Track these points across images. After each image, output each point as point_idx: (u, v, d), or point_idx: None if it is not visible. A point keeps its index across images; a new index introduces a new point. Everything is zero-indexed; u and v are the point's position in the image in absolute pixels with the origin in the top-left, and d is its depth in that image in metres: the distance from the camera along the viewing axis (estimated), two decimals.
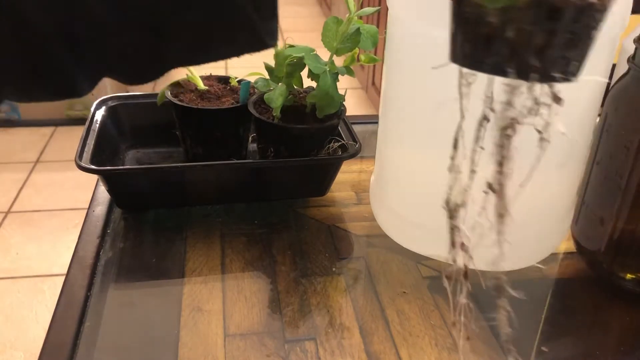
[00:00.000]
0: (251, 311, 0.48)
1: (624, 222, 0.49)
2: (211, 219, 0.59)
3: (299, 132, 0.58)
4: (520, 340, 0.48)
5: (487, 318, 0.49)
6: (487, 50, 0.28)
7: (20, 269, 1.57)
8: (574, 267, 0.55)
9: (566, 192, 0.52)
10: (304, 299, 0.50)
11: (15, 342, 1.36)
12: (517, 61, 0.28)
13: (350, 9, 0.53)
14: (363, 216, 0.61)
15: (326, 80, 0.55)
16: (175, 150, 0.67)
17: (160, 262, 0.54)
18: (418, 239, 0.54)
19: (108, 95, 0.68)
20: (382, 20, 2.00)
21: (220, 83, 0.65)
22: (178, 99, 0.61)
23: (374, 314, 0.49)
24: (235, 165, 0.60)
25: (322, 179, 0.62)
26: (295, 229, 0.59)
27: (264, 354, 0.44)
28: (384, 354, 0.45)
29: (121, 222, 0.58)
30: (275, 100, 0.57)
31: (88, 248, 0.54)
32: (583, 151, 0.50)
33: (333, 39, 0.55)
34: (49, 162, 2.04)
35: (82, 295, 0.49)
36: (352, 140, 0.61)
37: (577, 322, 0.50)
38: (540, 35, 0.27)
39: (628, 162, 0.46)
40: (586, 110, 0.47)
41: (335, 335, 0.46)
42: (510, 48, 0.28)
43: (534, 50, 0.28)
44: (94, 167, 0.55)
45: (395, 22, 0.49)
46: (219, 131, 0.62)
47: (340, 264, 0.54)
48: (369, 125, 0.75)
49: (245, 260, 0.54)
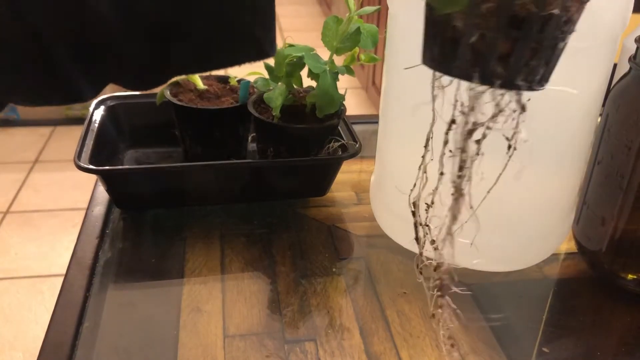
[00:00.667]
0: (251, 312, 0.48)
1: (625, 223, 0.48)
2: (211, 219, 0.59)
3: (298, 132, 0.58)
4: (521, 341, 0.47)
5: (487, 318, 0.49)
6: (454, 54, 0.28)
7: (19, 269, 1.57)
8: (575, 267, 0.55)
9: (567, 192, 0.51)
10: (303, 300, 0.50)
11: (14, 343, 1.36)
12: (481, 67, 0.28)
13: (350, 8, 0.53)
14: (363, 216, 0.61)
15: (326, 80, 0.55)
16: (175, 150, 0.67)
17: (159, 263, 0.53)
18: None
19: (107, 95, 0.67)
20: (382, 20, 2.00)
21: (220, 83, 0.65)
22: (177, 99, 0.61)
23: (374, 315, 0.48)
24: (235, 165, 0.59)
25: (322, 179, 0.62)
26: (295, 229, 0.58)
27: (264, 354, 0.44)
28: (385, 354, 0.45)
29: (120, 222, 0.58)
30: (274, 100, 0.57)
31: (87, 248, 0.54)
32: (584, 151, 0.50)
33: (333, 38, 0.55)
34: (48, 162, 2.04)
35: (81, 295, 0.48)
36: (352, 140, 0.61)
37: (578, 322, 0.50)
38: (504, 43, 0.27)
39: (629, 162, 0.46)
40: (587, 110, 0.47)
41: (335, 336, 0.46)
42: (475, 53, 0.28)
43: (497, 57, 0.27)
44: (93, 167, 0.55)
45: (395, 21, 0.49)
46: (218, 131, 0.62)
47: (341, 264, 0.54)
48: (369, 125, 0.75)
49: (245, 261, 0.54)
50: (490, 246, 0.51)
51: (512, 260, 0.53)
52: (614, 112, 0.48)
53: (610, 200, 0.49)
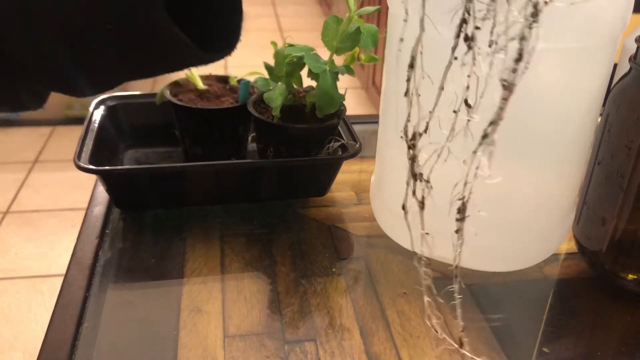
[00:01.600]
0: (251, 312, 0.48)
1: (625, 223, 0.48)
2: (210, 219, 0.59)
3: (298, 132, 0.58)
4: (521, 341, 0.47)
5: (487, 318, 0.49)
6: None
7: (19, 270, 1.57)
8: (575, 267, 0.55)
9: (567, 192, 0.51)
10: (303, 300, 0.50)
11: (14, 342, 1.36)
12: None
13: (351, 8, 0.53)
14: (363, 216, 0.61)
15: (326, 80, 0.55)
16: (174, 150, 0.67)
17: (159, 263, 0.53)
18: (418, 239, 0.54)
19: (106, 95, 0.67)
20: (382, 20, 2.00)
21: (220, 82, 0.65)
22: (177, 99, 0.61)
23: (374, 315, 0.48)
24: (235, 165, 0.59)
25: (322, 179, 0.62)
26: (295, 229, 0.58)
27: (264, 354, 0.44)
28: (385, 355, 0.45)
29: (120, 223, 0.58)
30: (274, 100, 0.57)
31: (87, 248, 0.54)
32: (584, 151, 0.50)
33: (333, 38, 0.54)
34: (48, 162, 2.04)
35: (80, 295, 0.48)
36: (352, 140, 0.61)
37: (579, 322, 0.50)
38: None
39: (629, 162, 0.46)
40: (587, 109, 0.47)
41: (335, 336, 0.46)
42: None
43: None
44: (93, 167, 0.55)
45: (395, 21, 0.49)
46: (218, 131, 0.62)
47: (341, 264, 0.54)
48: (369, 125, 0.75)
49: (244, 261, 0.54)
50: (490, 246, 0.51)
51: (512, 260, 0.53)
52: (614, 112, 0.48)
53: (611, 201, 0.49)
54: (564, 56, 0.43)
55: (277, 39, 0.59)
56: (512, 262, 0.53)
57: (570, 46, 0.43)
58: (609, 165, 0.48)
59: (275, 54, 0.57)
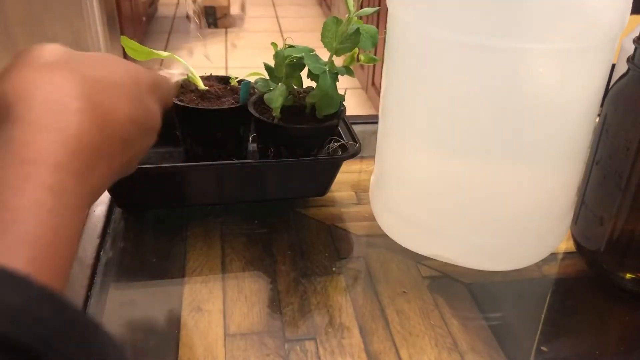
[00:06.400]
0: (251, 311, 0.48)
1: (623, 222, 0.49)
2: (211, 219, 0.59)
3: (298, 132, 0.58)
4: (520, 340, 0.48)
5: (485, 317, 0.49)
6: None
7: None
8: (573, 267, 0.55)
9: (565, 192, 0.52)
10: (304, 299, 0.50)
11: None
12: None
13: (350, 9, 0.53)
14: (363, 216, 0.61)
15: (326, 80, 0.55)
16: (175, 150, 0.67)
17: (160, 262, 0.54)
18: (418, 239, 0.55)
19: None
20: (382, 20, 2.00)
21: (221, 83, 0.65)
22: (178, 99, 0.61)
23: (373, 314, 0.49)
24: (235, 165, 0.60)
25: (322, 179, 0.62)
26: (295, 229, 0.59)
27: (264, 353, 0.44)
28: (384, 353, 0.45)
29: (121, 222, 0.58)
30: (275, 101, 0.57)
31: (88, 248, 0.54)
32: (582, 151, 0.50)
33: (333, 39, 0.55)
34: None
35: (82, 295, 0.49)
36: (352, 140, 0.61)
37: (577, 321, 0.50)
38: None
39: (627, 161, 0.47)
40: (586, 110, 0.47)
41: (335, 335, 0.46)
42: None
43: None
44: None
45: (394, 22, 0.49)
46: (219, 131, 0.62)
47: (340, 263, 0.54)
48: (369, 125, 0.75)
49: (245, 260, 0.54)
50: (489, 245, 0.51)
51: (511, 259, 0.53)
52: (613, 112, 0.48)
53: (609, 200, 0.49)
54: (562, 57, 0.44)
55: (278, 40, 0.59)
56: (511, 261, 0.53)
57: (568, 47, 0.43)
58: (607, 165, 0.49)
59: (275, 54, 0.57)
